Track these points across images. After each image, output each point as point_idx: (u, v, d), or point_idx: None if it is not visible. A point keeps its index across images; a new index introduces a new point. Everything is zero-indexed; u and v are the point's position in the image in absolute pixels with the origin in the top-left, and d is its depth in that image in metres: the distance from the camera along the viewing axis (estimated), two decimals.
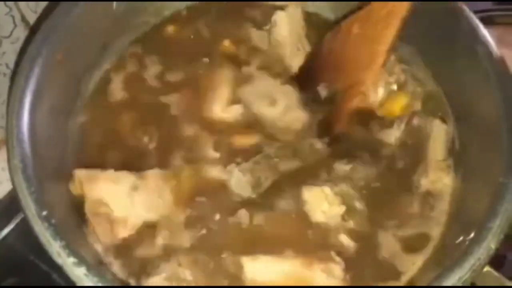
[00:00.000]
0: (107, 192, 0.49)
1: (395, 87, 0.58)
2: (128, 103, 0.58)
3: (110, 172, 0.50)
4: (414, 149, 0.55)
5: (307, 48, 0.61)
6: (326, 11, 0.64)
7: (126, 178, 0.50)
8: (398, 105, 0.57)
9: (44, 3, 0.64)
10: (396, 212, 0.52)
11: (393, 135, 0.55)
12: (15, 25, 0.64)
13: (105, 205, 0.49)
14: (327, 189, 0.52)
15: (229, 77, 0.59)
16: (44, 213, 0.43)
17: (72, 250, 0.41)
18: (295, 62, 0.60)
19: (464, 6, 0.54)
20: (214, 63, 0.60)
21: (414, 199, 0.53)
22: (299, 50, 0.61)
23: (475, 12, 0.55)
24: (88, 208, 0.49)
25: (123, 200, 0.50)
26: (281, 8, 0.62)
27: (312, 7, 0.64)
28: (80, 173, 0.50)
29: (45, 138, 0.49)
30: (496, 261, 0.44)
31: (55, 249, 0.41)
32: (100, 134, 0.56)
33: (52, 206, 0.44)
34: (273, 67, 0.61)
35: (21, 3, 0.64)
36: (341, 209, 0.52)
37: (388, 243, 0.51)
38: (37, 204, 0.43)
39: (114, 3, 0.57)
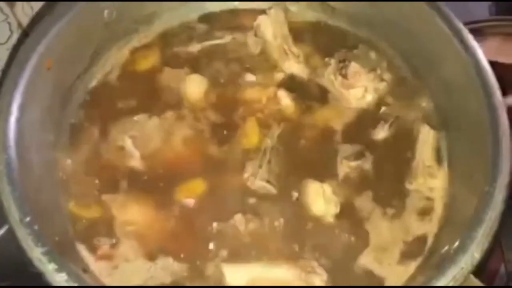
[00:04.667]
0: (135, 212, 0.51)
1: (384, 85, 0.58)
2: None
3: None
4: (402, 152, 0.55)
5: (295, 50, 0.61)
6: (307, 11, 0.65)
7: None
8: None
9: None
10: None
11: (379, 136, 0.56)
12: (11, 32, 0.65)
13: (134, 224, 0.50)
14: (327, 187, 0.52)
15: None
16: (27, 219, 0.43)
17: (53, 257, 0.41)
18: (285, 66, 0.60)
19: (454, 17, 0.54)
20: None
21: (406, 203, 0.53)
22: (287, 53, 0.61)
23: (467, 23, 0.55)
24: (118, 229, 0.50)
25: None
26: (264, 13, 0.62)
27: (294, 6, 0.64)
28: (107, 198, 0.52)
29: (33, 144, 0.49)
30: (487, 275, 0.43)
31: (36, 255, 0.41)
32: (90, 141, 0.56)
33: (36, 212, 0.44)
34: (266, 73, 0.61)
35: (17, 10, 0.65)
36: (336, 209, 0.52)
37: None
38: (21, 210, 0.43)
39: (105, 10, 0.58)
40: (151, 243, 0.50)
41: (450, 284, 0.41)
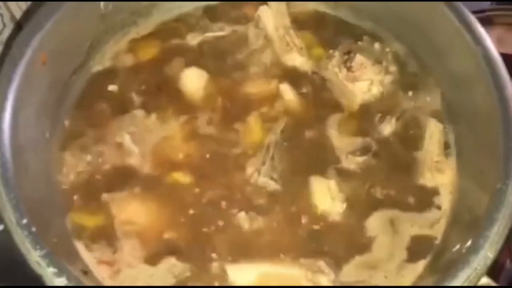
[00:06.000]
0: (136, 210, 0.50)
1: (390, 78, 0.57)
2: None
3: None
4: (409, 147, 0.54)
5: (297, 42, 0.59)
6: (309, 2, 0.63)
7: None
8: None
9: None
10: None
11: (385, 130, 0.54)
12: (4, 25, 0.63)
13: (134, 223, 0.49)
14: (332, 183, 0.51)
15: None
16: (24, 221, 0.41)
17: (52, 260, 0.40)
18: (287, 58, 0.59)
19: (463, 7, 0.52)
20: None
21: (414, 199, 0.51)
22: (289, 45, 0.59)
23: (474, 12, 0.54)
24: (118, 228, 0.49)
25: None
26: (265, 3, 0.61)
27: None
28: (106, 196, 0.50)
29: (28, 143, 0.48)
30: (494, 269, 0.42)
31: (35, 258, 0.40)
32: (87, 138, 0.54)
33: (33, 213, 0.42)
34: (268, 66, 0.59)
35: (10, 2, 0.63)
36: (342, 206, 0.50)
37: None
38: (17, 211, 0.42)
39: (102, 2, 0.56)
40: (153, 242, 0.49)
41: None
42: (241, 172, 0.52)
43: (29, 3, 0.64)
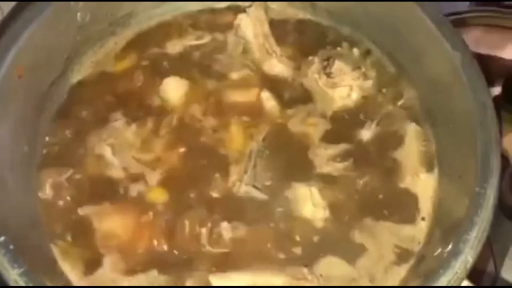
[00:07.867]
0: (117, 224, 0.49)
1: (369, 83, 0.57)
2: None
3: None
4: (390, 151, 0.54)
5: (277, 49, 0.59)
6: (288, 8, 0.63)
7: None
8: None
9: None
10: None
11: (365, 135, 0.54)
12: None
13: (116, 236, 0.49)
14: (314, 190, 0.51)
15: None
16: (2, 239, 0.41)
17: (31, 277, 0.39)
18: (268, 66, 0.59)
19: (438, 11, 0.53)
20: None
21: (395, 204, 0.51)
22: (269, 52, 0.59)
23: (452, 14, 0.54)
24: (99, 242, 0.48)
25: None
26: (244, 11, 0.60)
27: (274, 4, 0.63)
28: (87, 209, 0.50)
29: (6, 158, 0.47)
30: (475, 273, 0.43)
31: (13, 276, 0.39)
32: (67, 150, 0.54)
33: (11, 231, 0.42)
34: (248, 74, 0.59)
35: None
36: (325, 213, 0.50)
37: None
38: None
39: (78, 13, 0.55)
40: (134, 255, 0.48)
41: None
42: (223, 181, 0.52)
43: (3, 13, 0.63)
